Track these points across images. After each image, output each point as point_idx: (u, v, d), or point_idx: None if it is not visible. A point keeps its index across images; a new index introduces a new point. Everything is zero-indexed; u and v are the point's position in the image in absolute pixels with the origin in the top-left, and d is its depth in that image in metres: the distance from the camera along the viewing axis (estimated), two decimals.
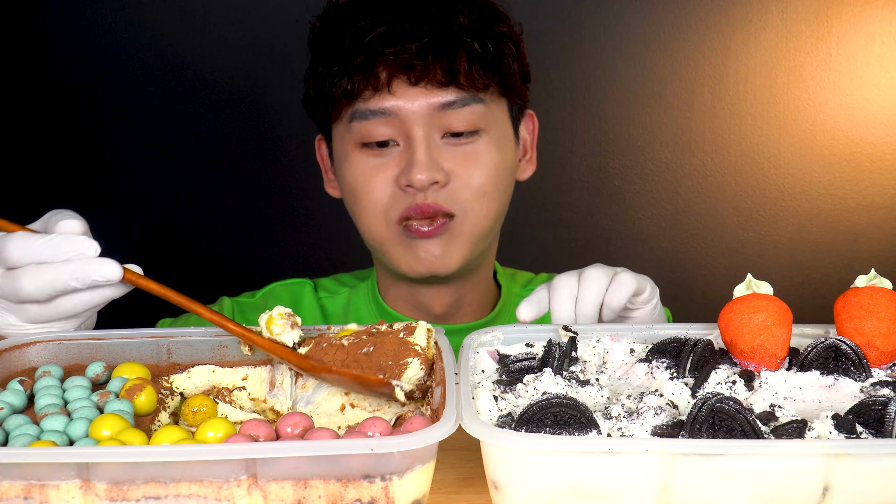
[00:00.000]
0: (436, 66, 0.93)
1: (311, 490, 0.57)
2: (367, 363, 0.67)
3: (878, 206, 1.97)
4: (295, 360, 0.69)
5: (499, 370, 0.72)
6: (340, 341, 0.68)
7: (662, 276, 2.01)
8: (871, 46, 1.87)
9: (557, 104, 1.84)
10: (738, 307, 0.69)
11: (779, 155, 1.94)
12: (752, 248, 2.00)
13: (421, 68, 0.92)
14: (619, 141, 1.92)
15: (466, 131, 0.97)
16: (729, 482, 0.56)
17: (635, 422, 0.60)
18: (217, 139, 1.87)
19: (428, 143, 0.95)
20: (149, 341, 0.73)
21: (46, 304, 0.69)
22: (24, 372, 0.71)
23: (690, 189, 1.97)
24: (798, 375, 0.67)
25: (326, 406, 0.74)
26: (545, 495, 0.57)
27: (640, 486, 0.57)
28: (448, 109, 0.95)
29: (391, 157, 0.97)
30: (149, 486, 0.56)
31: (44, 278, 0.67)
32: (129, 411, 0.64)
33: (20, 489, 0.56)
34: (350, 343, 0.68)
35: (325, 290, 1.16)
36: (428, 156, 0.94)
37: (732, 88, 1.90)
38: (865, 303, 0.69)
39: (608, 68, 1.88)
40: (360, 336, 0.68)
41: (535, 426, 0.59)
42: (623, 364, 0.71)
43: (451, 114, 0.95)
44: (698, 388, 0.66)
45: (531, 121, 1.10)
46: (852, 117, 1.91)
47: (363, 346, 0.67)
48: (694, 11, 1.86)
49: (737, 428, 0.57)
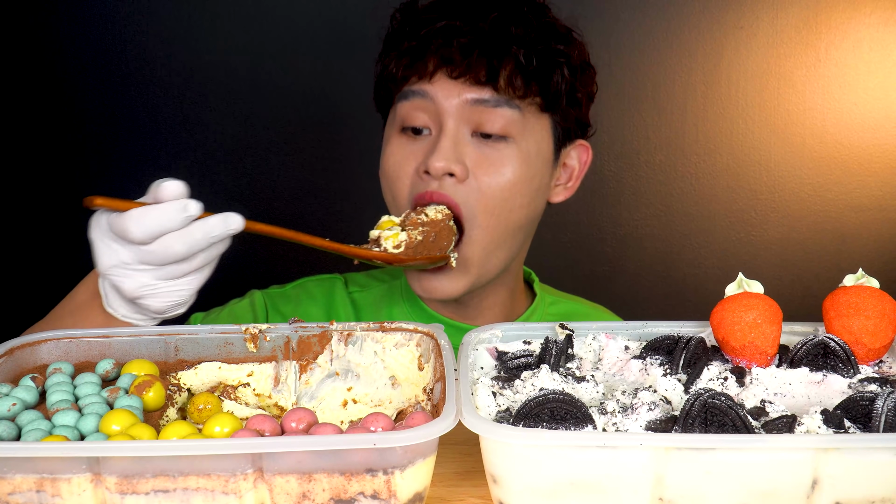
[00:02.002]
0: (478, 64, 0.95)
1: (315, 483, 0.58)
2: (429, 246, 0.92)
3: (865, 208, 1.98)
4: (383, 257, 0.88)
5: (497, 367, 0.72)
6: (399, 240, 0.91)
7: (656, 275, 2.03)
8: (859, 52, 1.89)
9: None
10: (730, 305, 0.70)
11: (769, 158, 1.96)
12: (743, 248, 2.01)
13: (462, 64, 0.95)
14: (614, 144, 1.93)
15: (496, 134, 0.97)
16: (721, 476, 0.57)
17: (630, 417, 0.61)
18: (225, 141, 1.88)
19: (456, 135, 0.97)
20: (157, 339, 0.73)
21: (185, 261, 0.73)
22: (36, 369, 0.71)
23: (683, 191, 1.98)
24: (788, 372, 0.68)
25: (329, 402, 0.75)
26: (543, 488, 0.59)
27: (635, 480, 0.58)
28: (481, 106, 0.96)
29: (421, 145, 0.99)
30: (157, 479, 0.57)
31: (180, 242, 0.71)
32: (139, 407, 0.65)
33: (33, 482, 0.57)
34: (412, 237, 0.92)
35: (356, 285, 1.17)
36: (452, 146, 0.96)
37: (724, 93, 1.92)
38: (853, 301, 0.70)
39: (603, 73, 1.88)
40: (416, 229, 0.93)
41: (533, 421, 0.60)
42: (618, 361, 0.72)
43: (483, 111, 0.96)
44: (691, 384, 0.67)
45: (585, 153, 1.09)
46: (841, 121, 1.93)
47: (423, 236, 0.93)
48: (687, 18, 1.88)
49: (728, 423, 0.58)
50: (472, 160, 0.97)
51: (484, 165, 0.97)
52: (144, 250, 0.71)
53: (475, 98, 0.96)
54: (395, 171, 0.99)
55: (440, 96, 0.96)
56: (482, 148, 0.97)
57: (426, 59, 0.97)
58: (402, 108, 0.99)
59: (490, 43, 0.95)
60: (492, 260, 1.01)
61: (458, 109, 0.96)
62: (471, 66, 0.95)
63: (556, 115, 1.01)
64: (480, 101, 0.96)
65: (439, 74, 0.97)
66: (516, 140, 0.98)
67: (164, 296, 0.74)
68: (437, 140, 0.96)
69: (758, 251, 2.01)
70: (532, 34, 0.98)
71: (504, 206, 0.98)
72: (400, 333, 0.75)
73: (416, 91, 0.98)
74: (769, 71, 1.90)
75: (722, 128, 1.94)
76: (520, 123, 0.98)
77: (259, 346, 0.74)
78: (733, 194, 1.98)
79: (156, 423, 0.66)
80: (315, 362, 0.75)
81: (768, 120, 1.93)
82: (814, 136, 1.94)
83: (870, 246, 2.00)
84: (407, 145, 0.99)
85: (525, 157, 0.98)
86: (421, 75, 0.97)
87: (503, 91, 0.96)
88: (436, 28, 0.96)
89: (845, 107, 1.92)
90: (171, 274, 0.73)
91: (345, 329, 0.75)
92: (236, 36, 1.84)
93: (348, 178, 1.86)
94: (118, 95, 1.86)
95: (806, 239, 2.00)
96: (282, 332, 0.75)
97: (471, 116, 0.97)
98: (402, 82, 0.99)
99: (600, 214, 1.97)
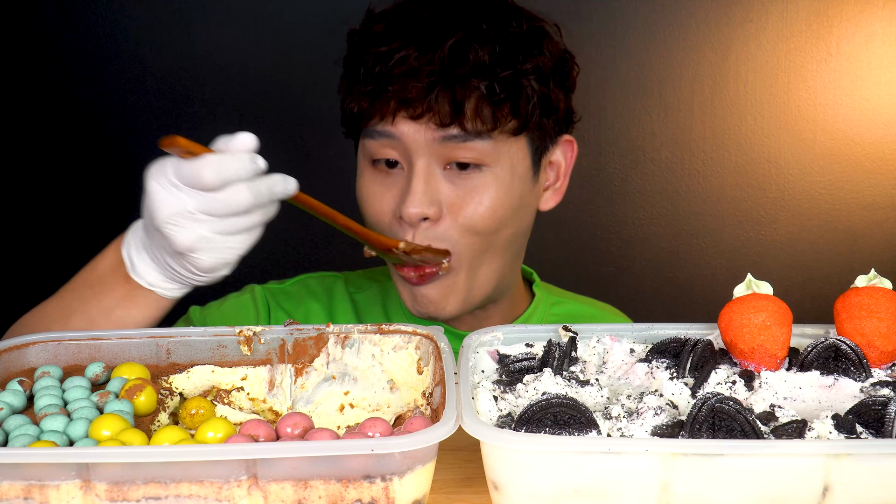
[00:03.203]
0: (440, 103, 0.91)
1: (311, 490, 0.57)
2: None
3: (878, 206, 1.97)
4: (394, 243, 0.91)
5: (499, 370, 0.72)
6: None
7: (663, 276, 2.02)
8: (871, 46, 1.88)
9: None
10: (738, 307, 0.69)
11: (779, 154, 1.95)
12: (752, 247, 2.00)
13: (422, 105, 0.92)
14: (620, 141, 1.92)
15: (470, 163, 0.95)
16: (729, 482, 0.56)
17: (635, 422, 0.60)
18: None
19: (427, 173, 0.94)
20: (148, 341, 0.73)
21: (245, 215, 0.74)
22: (24, 372, 0.71)
23: (690, 189, 1.97)
24: (798, 375, 0.67)
25: (326, 406, 0.74)
26: (545, 495, 0.58)
27: (641, 487, 0.57)
28: (450, 143, 0.93)
29: (396, 180, 0.97)
30: (149, 486, 0.56)
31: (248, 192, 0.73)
32: (129, 411, 0.64)
33: (20, 489, 0.56)
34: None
35: (353, 286, 1.16)
36: (424, 187, 0.93)
37: (732, 88, 1.91)
38: (865, 303, 0.69)
39: (609, 68, 1.88)
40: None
41: (535, 426, 0.59)
42: (623, 364, 0.72)
43: (453, 147, 0.94)
44: (698, 388, 0.66)
45: (571, 148, 1.06)
46: (853, 117, 1.92)
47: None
48: (694, 11, 1.87)
49: (737, 428, 0.58)
50: (448, 195, 0.95)
51: (460, 199, 0.95)
52: (212, 198, 0.72)
53: (442, 136, 0.93)
54: (372, 205, 0.98)
55: (405, 137, 0.93)
56: (456, 181, 0.95)
57: (386, 100, 0.93)
58: (370, 144, 0.97)
59: (450, 77, 0.91)
60: (480, 279, 0.99)
61: (427, 147, 0.93)
62: (431, 107, 0.91)
63: (531, 132, 0.98)
64: (448, 138, 0.93)
65: (401, 114, 0.93)
66: (491, 167, 0.95)
67: (217, 251, 0.75)
68: (408, 180, 0.94)
69: (767, 251, 2.00)
70: (496, 55, 0.92)
71: (486, 232, 0.96)
72: (398, 336, 0.74)
73: (379, 131, 0.95)
74: (779, 65, 1.89)
75: (730, 124, 1.93)
76: (493, 151, 0.94)
77: (253, 349, 0.74)
78: (742, 192, 1.97)
79: (147, 429, 0.65)
80: (311, 366, 0.74)
81: (778, 116, 1.92)
82: (825, 132, 1.93)
83: (882, 246, 1.98)
84: (380, 179, 0.97)
85: (502, 181, 0.96)
86: (383, 115, 0.94)
87: (471, 125, 0.92)
88: (390, 64, 0.92)
89: (857, 102, 1.91)
90: (229, 227, 0.74)
91: (342, 331, 0.74)
92: (232, 34, 1.85)
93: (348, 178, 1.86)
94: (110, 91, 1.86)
95: (817, 238, 1.99)
96: (277, 334, 0.74)
97: (441, 152, 0.94)
98: (366, 120, 0.96)
99: (605, 213, 1.96)
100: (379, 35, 0.95)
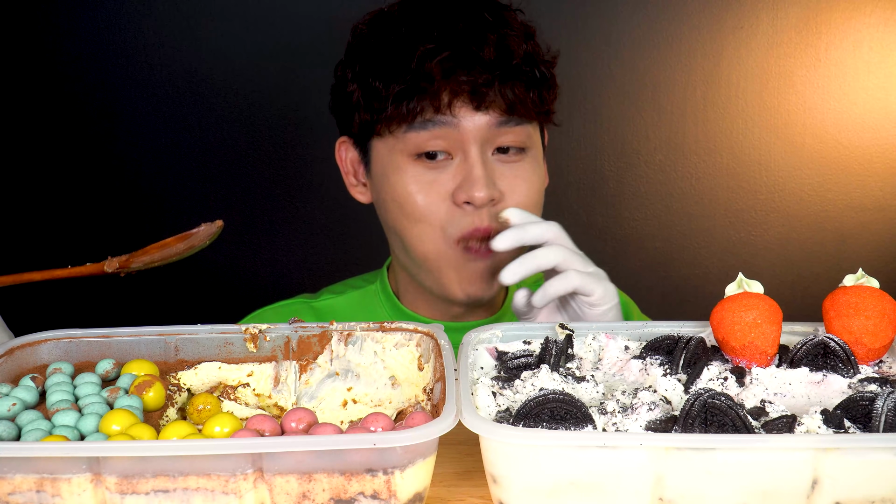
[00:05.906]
0: (501, 94, 0.95)
1: (315, 483, 0.58)
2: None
3: (865, 208, 1.99)
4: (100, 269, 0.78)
5: (497, 367, 0.72)
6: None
7: (656, 275, 2.03)
8: (859, 52, 1.89)
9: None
10: (730, 305, 0.70)
11: (769, 158, 1.96)
12: (743, 248, 2.01)
13: (487, 96, 0.95)
14: (614, 144, 1.93)
15: (514, 147, 0.99)
16: (721, 475, 0.57)
17: (630, 417, 0.61)
18: (225, 146, 1.88)
19: (483, 159, 0.97)
20: (157, 339, 0.73)
21: None
22: (36, 369, 0.71)
23: (683, 191, 1.98)
24: (788, 372, 0.68)
25: (329, 402, 0.75)
26: (543, 488, 0.59)
27: (635, 480, 0.58)
28: (504, 127, 0.97)
29: (446, 171, 0.97)
30: (158, 479, 0.57)
31: None
32: (139, 407, 0.65)
33: (33, 482, 0.57)
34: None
35: (330, 292, 1.16)
36: (484, 171, 0.96)
37: (724, 93, 1.92)
38: (853, 301, 0.70)
39: (603, 73, 1.89)
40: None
41: (533, 421, 0.60)
42: (618, 361, 0.72)
43: (505, 131, 0.97)
44: (691, 384, 0.67)
45: (545, 133, 1.11)
46: (841, 121, 1.93)
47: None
48: (687, 18, 1.88)
49: (728, 423, 0.58)
50: (501, 180, 0.98)
51: (512, 183, 0.98)
52: None
53: (499, 121, 0.96)
54: (423, 197, 0.98)
55: (462, 125, 0.95)
56: (506, 166, 0.99)
57: (440, 93, 0.95)
58: (418, 136, 0.97)
59: (506, 67, 0.95)
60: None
61: (482, 134, 0.96)
62: (495, 98, 0.95)
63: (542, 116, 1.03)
64: (503, 123, 0.97)
65: (458, 104, 0.95)
66: (530, 150, 1.00)
67: None
68: (467, 167, 0.96)
69: (758, 251, 2.01)
70: (529, 45, 0.98)
71: (534, 211, 1.01)
72: (400, 333, 0.75)
73: (434, 121, 0.96)
74: (769, 71, 1.90)
75: (722, 128, 1.94)
76: (532, 134, 1.01)
77: (259, 346, 0.74)
78: (733, 194, 1.98)
79: (156, 423, 0.66)
80: (315, 362, 0.75)
81: (768, 120, 1.93)
82: (814, 136, 1.94)
83: (870, 246, 2.00)
84: (426, 172, 0.98)
85: (539, 163, 1.02)
86: (437, 109, 0.95)
87: (524, 110, 0.97)
88: (445, 58, 0.94)
89: (845, 107, 1.92)
90: None
91: (345, 329, 0.75)
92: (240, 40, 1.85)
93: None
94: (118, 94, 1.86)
95: (806, 239, 2.00)
96: (282, 332, 0.75)
97: (492, 138, 0.97)
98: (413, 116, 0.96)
99: (600, 214, 1.97)
100: (412, 28, 0.97)
